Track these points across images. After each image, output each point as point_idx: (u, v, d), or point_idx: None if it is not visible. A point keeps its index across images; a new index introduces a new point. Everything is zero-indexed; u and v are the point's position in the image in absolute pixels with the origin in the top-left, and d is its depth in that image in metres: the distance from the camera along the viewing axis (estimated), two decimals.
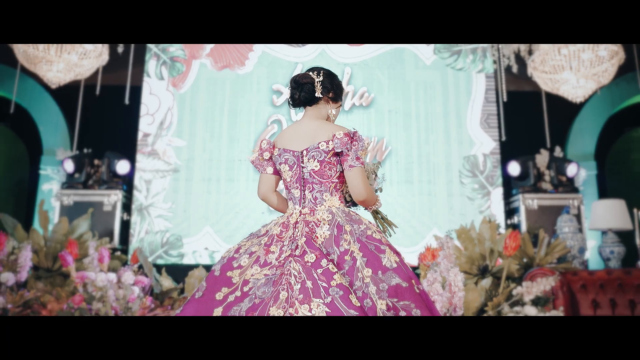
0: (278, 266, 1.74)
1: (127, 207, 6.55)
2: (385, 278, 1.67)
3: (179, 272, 5.29)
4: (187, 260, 6.21)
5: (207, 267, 5.15)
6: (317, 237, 1.79)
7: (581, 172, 6.97)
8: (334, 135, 1.87)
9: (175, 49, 6.80)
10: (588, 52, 5.04)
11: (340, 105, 2.14)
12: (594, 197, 6.88)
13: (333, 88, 2.06)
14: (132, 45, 6.20)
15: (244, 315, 1.65)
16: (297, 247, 1.75)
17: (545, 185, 6.66)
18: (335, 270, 1.69)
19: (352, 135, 1.91)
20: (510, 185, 6.79)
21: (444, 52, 6.90)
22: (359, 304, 1.60)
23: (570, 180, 6.68)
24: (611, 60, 4.94)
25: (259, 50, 6.86)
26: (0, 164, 7.72)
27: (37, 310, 3.48)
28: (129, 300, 3.40)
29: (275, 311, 1.61)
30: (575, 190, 6.60)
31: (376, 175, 2.13)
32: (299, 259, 1.71)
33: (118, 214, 6.34)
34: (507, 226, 6.42)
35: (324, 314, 1.57)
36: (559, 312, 3.56)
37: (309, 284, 1.65)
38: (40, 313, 3.48)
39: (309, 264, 1.69)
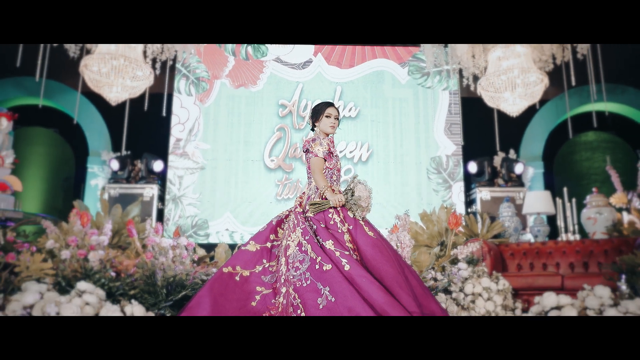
0: (289, 221, 2.95)
1: (161, 198, 7.52)
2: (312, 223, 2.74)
3: (205, 248, 6.23)
4: (212, 239, 7.22)
5: (229, 245, 6.20)
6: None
7: (529, 170, 8.06)
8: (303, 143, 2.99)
9: (200, 70, 7.83)
10: (521, 77, 6.23)
11: (324, 116, 2.82)
12: None
13: (312, 116, 2.88)
14: (167, 69, 7.23)
15: (282, 249, 2.73)
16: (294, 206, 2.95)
17: (499, 181, 7.75)
18: None
19: (309, 140, 2.80)
20: (470, 181, 7.84)
21: (416, 73, 7.99)
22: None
23: (519, 177, 7.73)
24: (536, 87, 6.11)
25: (267, 72, 7.88)
26: (51, 164, 8.59)
27: (117, 264, 4.74)
28: (183, 256, 4.68)
29: (284, 242, 2.71)
30: (521, 184, 7.69)
31: (353, 192, 2.69)
32: (293, 212, 2.84)
33: (154, 204, 7.30)
34: (466, 212, 7.53)
35: (300, 235, 2.58)
36: (484, 268, 4.79)
37: (295, 222, 2.74)
38: (119, 266, 4.73)
39: (296, 212, 2.80)
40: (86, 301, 2.07)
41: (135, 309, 2.10)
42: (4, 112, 5.24)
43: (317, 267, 2.43)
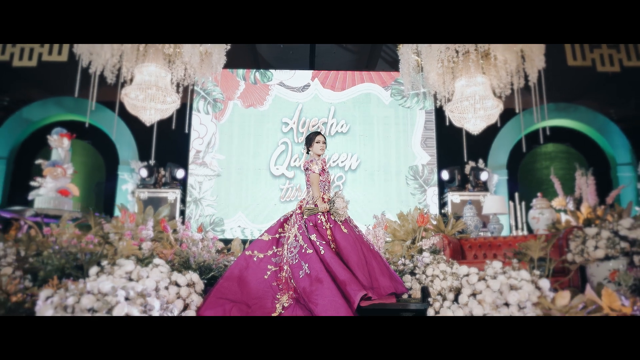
0: (292, 219, 4.03)
1: (182, 200, 8.41)
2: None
3: (223, 242, 7.06)
4: (226, 235, 8.17)
5: (242, 240, 7.21)
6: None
7: (494, 177, 9.07)
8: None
9: (216, 93, 8.80)
10: (480, 102, 7.33)
11: (314, 142, 3.53)
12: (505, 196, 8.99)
13: (305, 144, 3.62)
14: (189, 92, 8.21)
15: (286, 239, 3.83)
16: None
17: (469, 186, 8.72)
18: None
19: (308, 161, 3.52)
20: (443, 186, 8.80)
21: (397, 95, 8.97)
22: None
23: (485, 183, 8.72)
24: (493, 110, 7.21)
25: (272, 94, 8.84)
26: (85, 171, 9.44)
27: (158, 252, 5.86)
28: (209, 247, 5.82)
29: (287, 234, 3.71)
30: (486, 189, 8.67)
31: (334, 203, 3.44)
32: (295, 213, 3.79)
33: (178, 205, 8.21)
34: (439, 213, 8.56)
35: (296, 230, 3.55)
36: (443, 256, 5.91)
37: (295, 220, 3.68)
38: (160, 255, 5.86)
39: (296, 214, 3.76)
40: (160, 270, 3.18)
41: (193, 276, 3.24)
42: (64, 133, 6.37)
43: (303, 250, 3.29)
